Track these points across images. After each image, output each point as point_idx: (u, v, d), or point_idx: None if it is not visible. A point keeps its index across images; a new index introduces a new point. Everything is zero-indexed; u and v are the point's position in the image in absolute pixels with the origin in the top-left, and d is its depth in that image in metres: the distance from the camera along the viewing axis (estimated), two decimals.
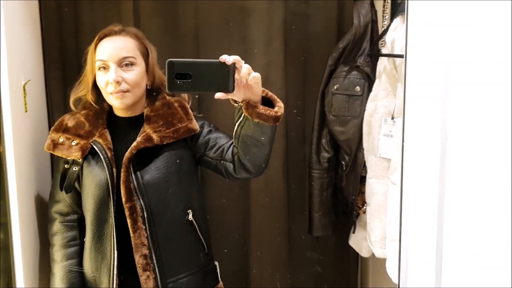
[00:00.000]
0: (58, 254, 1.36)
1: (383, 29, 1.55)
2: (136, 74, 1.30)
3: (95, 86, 1.34)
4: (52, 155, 1.51)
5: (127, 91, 1.29)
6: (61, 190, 1.35)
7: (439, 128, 0.73)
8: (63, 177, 1.35)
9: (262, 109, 1.14)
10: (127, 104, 1.31)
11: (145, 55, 1.34)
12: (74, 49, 1.69)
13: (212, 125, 1.42)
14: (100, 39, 1.31)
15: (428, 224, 0.75)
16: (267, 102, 1.19)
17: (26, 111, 1.42)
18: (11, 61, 1.30)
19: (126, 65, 1.29)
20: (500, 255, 0.67)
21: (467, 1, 0.71)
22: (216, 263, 1.49)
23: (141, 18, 1.71)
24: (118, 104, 1.30)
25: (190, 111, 1.39)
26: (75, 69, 1.69)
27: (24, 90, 1.42)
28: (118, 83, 1.27)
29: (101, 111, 1.37)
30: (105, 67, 1.28)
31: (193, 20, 1.74)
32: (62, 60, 1.70)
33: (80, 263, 1.37)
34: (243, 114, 1.16)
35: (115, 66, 1.27)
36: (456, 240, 0.73)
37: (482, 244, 0.69)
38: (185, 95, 1.43)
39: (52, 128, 1.39)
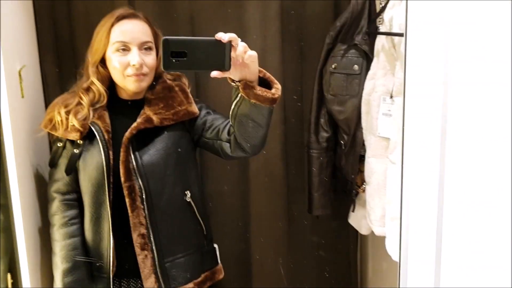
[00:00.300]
0: (58, 233, 1.36)
1: (380, 6, 1.53)
2: (153, 58, 1.32)
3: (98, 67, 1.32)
4: (49, 139, 1.51)
5: (145, 74, 1.30)
6: (50, 167, 1.37)
7: (440, 106, 0.73)
8: (54, 155, 1.36)
9: (259, 90, 1.14)
10: (143, 87, 1.33)
11: (156, 40, 1.35)
12: (68, 33, 1.67)
13: (210, 108, 1.43)
14: (118, 19, 1.29)
15: (428, 202, 0.76)
16: (265, 83, 1.18)
17: (22, 97, 1.42)
18: (6, 47, 1.29)
19: (145, 49, 1.31)
20: (500, 228, 0.68)
21: None
22: (216, 245, 1.50)
23: (135, 0, 1.69)
24: (135, 87, 1.30)
25: (190, 95, 1.40)
26: (70, 53, 1.68)
27: (20, 75, 1.41)
28: (141, 66, 1.28)
29: (101, 92, 1.35)
30: (124, 49, 1.28)
31: (188, 2, 1.71)
32: (57, 45, 1.68)
33: (81, 241, 1.37)
34: (240, 94, 1.16)
35: (137, 49, 1.28)
36: (457, 217, 0.73)
37: (483, 222, 0.70)
38: (186, 81, 1.44)
39: (49, 106, 1.37)
